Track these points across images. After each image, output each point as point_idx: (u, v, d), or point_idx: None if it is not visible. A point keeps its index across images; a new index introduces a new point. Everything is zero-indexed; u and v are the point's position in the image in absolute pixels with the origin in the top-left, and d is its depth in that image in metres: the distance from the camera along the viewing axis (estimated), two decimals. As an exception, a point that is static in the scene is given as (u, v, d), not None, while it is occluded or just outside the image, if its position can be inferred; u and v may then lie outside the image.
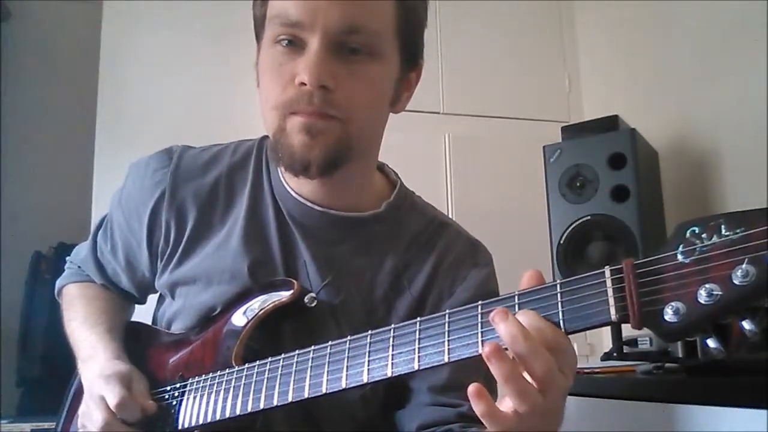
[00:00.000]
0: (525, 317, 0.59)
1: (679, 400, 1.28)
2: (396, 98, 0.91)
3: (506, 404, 0.60)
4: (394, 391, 0.92)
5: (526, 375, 0.59)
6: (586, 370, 1.59)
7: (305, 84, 0.79)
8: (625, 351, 1.67)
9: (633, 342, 1.66)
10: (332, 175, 0.85)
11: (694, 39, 2.12)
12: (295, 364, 0.76)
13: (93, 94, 2.28)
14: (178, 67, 2.33)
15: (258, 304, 0.87)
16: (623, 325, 0.55)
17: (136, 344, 1.00)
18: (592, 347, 2.23)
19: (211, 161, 0.97)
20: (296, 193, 0.91)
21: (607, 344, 1.88)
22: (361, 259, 0.93)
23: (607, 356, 1.75)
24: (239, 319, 0.88)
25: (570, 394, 0.62)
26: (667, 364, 1.48)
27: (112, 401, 0.84)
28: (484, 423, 0.60)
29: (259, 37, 0.88)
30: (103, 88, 2.28)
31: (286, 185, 0.93)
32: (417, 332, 0.66)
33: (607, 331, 1.94)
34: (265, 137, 1.02)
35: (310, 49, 0.79)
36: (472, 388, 0.59)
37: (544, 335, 0.58)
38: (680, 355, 1.46)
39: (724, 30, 2.02)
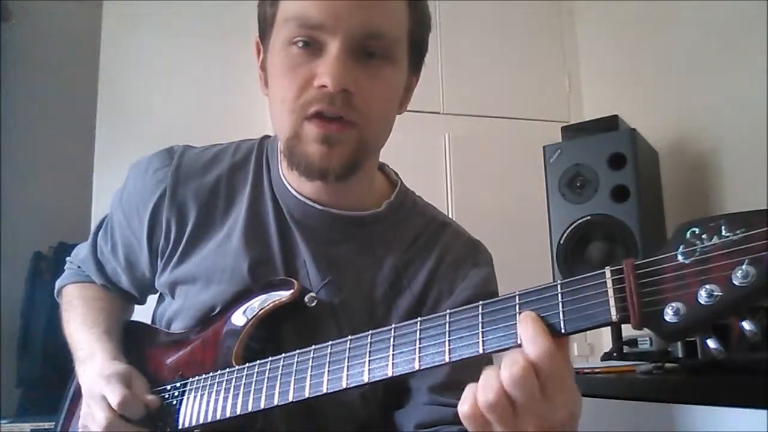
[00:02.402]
0: (528, 328, 0.59)
1: (679, 400, 1.28)
2: (402, 101, 0.92)
3: None
4: (394, 391, 0.92)
5: None
6: (586, 370, 1.59)
7: (326, 86, 0.78)
8: (625, 351, 1.67)
9: (633, 342, 1.66)
10: (348, 179, 0.86)
11: (694, 39, 2.12)
12: (295, 363, 0.76)
13: (93, 94, 2.28)
14: (178, 67, 2.34)
15: (258, 304, 0.88)
16: (623, 326, 0.55)
17: (135, 344, 1.00)
18: (592, 347, 2.23)
19: (212, 161, 0.97)
20: (297, 193, 0.92)
21: (607, 344, 1.89)
22: (362, 258, 0.93)
23: (607, 356, 1.75)
24: (239, 318, 0.88)
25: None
26: (667, 364, 1.48)
27: (115, 400, 0.84)
28: None
29: (266, 37, 0.87)
30: (103, 88, 2.29)
31: (287, 184, 0.93)
32: (418, 332, 0.66)
33: (607, 331, 1.94)
34: (266, 137, 1.02)
35: (330, 52, 0.79)
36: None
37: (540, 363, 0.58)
38: (680, 355, 1.46)
39: (724, 30, 2.02)
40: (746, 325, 0.50)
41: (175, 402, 0.89)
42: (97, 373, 0.89)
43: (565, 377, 0.59)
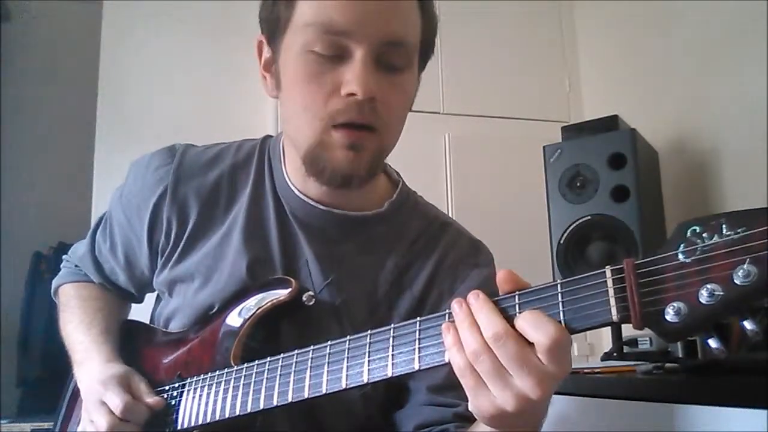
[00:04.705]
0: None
1: (679, 400, 1.28)
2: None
3: None
4: (394, 391, 0.92)
5: None
6: (586, 370, 1.58)
7: (354, 95, 0.78)
8: (625, 351, 1.66)
9: (633, 342, 1.65)
10: (368, 184, 0.87)
11: (694, 39, 2.11)
12: (294, 363, 0.76)
13: (93, 94, 2.28)
14: (178, 67, 2.33)
15: (255, 303, 0.87)
16: (623, 325, 0.55)
17: (133, 344, 1.00)
18: (592, 347, 2.23)
19: (214, 160, 0.97)
20: (300, 193, 0.92)
21: (607, 344, 1.88)
22: (364, 258, 0.93)
23: (607, 356, 1.75)
24: (236, 318, 0.88)
25: (570, 394, 0.62)
26: (667, 364, 1.48)
27: (117, 406, 0.84)
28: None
29: (277, 40, 0.86)
30: (103, 88, 2.28)
31: (290, 184, 0.93)
32: (417, 332, 0.66)
33: (607, 331, 1.93)
34: (268, 137, 1.02)
35: (356, 60, 0.78)
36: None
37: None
38: (680, 355, 1.46)
39: (724, 30, 2.02)
40: (748, 325, 0.50)
41: (173, 402, 0.89)
42: (94, 377, 0.89)
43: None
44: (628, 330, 1.71)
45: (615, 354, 1.69)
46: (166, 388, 0.91)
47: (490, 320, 0.60)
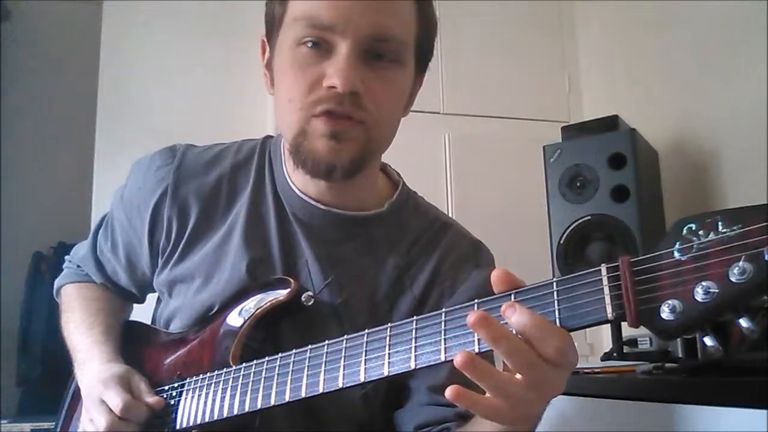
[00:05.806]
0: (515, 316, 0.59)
1: (679, 400, 1.28)
2: (407, 104, 0.92)
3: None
4: (395, 390, 0.92)
5: None
6: (586, 370, 1.58)
7: (335, 87, 0.79)
8: (625, 351, 1.66)
9: (633, 342, 1.65)
10: (354, 178, 0.86)
11: (694, 39, 2.11)
12: (292, 363, 0.76)
13: (93, 94, 2.28)
14: (178, 67, 2.34)
15: (254, 303, 0.87)
16: (623, 325, 0.55)
17: (134, 344, 1.00)
18: (592, 347, 2.22)
19: (214, 160, 0.97)
20: (301, 192, 0.92)
21: (607, 344, 1.88)
22: (364, 258, 0.93)
23: (607, 356, 1.74)
24: (236, 318, 0.88)
25: (570, 394, 0.62)
26: (667, 364, 1.48)
27: (117, 405, 0.84)
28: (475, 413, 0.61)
29: (273, 37, 0.87)
30: (103, 88, 2.29)
31: (291, 184, 0.93)
32: (414, 331, 0.66)
33: (607, 331, 1.93)
34: (268, 137, 1.02)
35: (339, 54, 0.79)
36: (449, 392, 0.58)
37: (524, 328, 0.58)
38: (680, 356, 1.46)
39: (724, 30, 2.02)
40: (744, 323, 0.49)
41: (173, 402, 0.89)
42: (94, 377, 0.89)
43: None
44: (627, 330, 1.72)
45: (615, 354, 1.69)
46: (166, 388, 0.91)
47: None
